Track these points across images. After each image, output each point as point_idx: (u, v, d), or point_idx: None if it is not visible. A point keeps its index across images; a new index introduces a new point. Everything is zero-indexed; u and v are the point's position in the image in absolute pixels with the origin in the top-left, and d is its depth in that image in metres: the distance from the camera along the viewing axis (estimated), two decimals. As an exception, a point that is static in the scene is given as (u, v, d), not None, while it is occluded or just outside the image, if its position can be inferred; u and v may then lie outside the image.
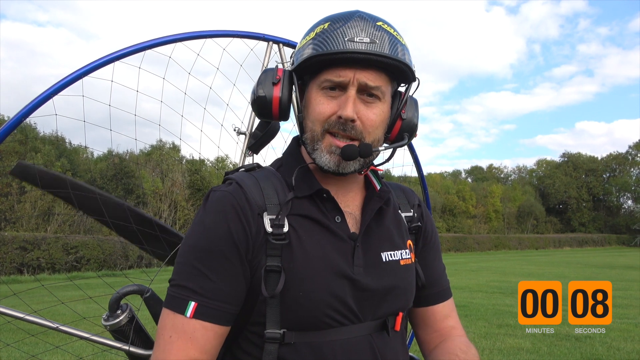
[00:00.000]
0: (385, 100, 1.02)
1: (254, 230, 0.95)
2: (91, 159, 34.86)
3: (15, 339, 4.65)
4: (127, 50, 1.45)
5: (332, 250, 0.98)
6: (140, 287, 1.46)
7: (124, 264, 21.89)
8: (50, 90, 1.33)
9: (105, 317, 1.44)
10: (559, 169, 64.86)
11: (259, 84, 1.07)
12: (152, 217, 1.57)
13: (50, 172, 1.69)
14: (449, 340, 1.12)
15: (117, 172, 30.96)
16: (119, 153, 31.98)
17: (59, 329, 1.45)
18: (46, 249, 19.82)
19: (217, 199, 0.98)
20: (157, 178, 33.43)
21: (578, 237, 53.76)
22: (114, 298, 1.42)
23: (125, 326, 1.43)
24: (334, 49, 0.95)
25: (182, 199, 32.16)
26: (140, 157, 32.37)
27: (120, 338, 1.46)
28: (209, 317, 0.90)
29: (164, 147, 33.90)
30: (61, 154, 31.19)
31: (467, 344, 1.11)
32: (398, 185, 1.25)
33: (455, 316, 1.18)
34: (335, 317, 0.96)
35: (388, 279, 1.02)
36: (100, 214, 1.57)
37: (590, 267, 19.67)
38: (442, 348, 1.11)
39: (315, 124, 1.00)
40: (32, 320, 1.42)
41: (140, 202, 31.14)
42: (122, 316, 1.43)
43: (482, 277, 14.63)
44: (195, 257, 0.93)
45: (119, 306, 1.44)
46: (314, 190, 1.02)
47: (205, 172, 33.41)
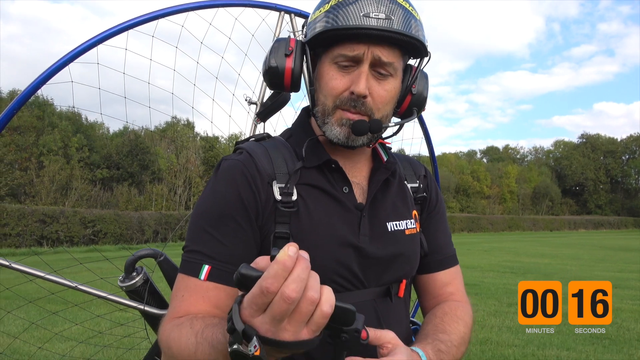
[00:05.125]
0: (397, 76, 1.03)
1: (264, 198, 0.97)
2: (107, 135, 35.18)
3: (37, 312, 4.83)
4: (140, 19, 1.46)
5: (338, 219, 1.01)
6: (155, 252, 1.52)
7: (139, 238, 22.33)
8: (65, 57, 1.36)
9: (122, 278, 1.51)
10: (577, 150, 63.76)
11: (271, 54, 1.07)
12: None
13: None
14: (443, 303, 1.14)
15: (133, 148, 31.25)
16: (135, 129, 32.22)
17: (78, 288, 1.52)
18: (65, 222, 20.26)
19: (228, 167, 1.00)
20: (172, 154, 33.71)
21: (594, 219, 53.15)
22: (129, 260, 1.48)
23: (140, 287, 1.49)
24: (349, 24, 0.94)
25: (196, 175, 32.45)
26: (155, 133, 32.63)
27: (135, 298, 1.52)
28: (222, 279, 0.93)
29: (179, 123, 34.08)
30: (78, 130, 31.55)
31: (456, 305, 1.12)
32: (405, 156, 1.26)
33: (457, 284, 1.18)
34: (340, 282, 0.98)
35: (392, 248, 1.05)
36: None
37: (604, 249, 19.52)
38: (433, 310, 1.13)
39: (328, 98, 1.01)
40: (53, 279, 1.49)
41: (155, 177, 31.53)
42: (137, 278, 1.49)
43: (494, 257, 14.62)
44: (207, 223, 0.96)
45: (134, 268, 1.51)
46: (322, 160, 1.03)
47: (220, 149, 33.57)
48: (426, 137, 2.25)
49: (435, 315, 1.08)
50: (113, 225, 21.67)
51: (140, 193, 30.82)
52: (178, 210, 28.50)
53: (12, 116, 1.36)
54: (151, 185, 31.04)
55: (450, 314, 1.08)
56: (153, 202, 30.14)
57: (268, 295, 0.61)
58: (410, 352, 0.88)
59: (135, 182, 31.05)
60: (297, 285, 0.61)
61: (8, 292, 2.51)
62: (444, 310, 1.10)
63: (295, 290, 0.61)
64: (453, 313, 1.08)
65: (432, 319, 1.08)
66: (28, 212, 19.40)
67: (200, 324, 0.84)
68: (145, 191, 30.86)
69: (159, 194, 30.78)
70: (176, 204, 31.26)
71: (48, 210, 20.58)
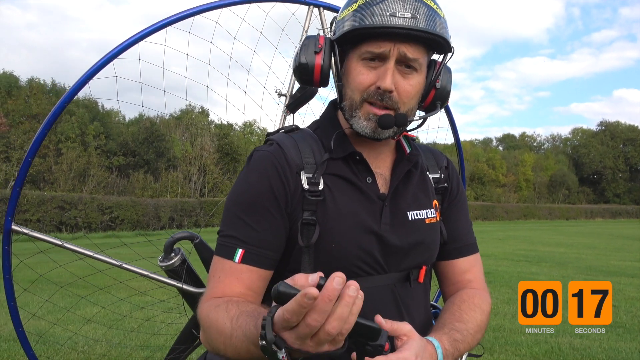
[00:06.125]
0: (421, 72, 1.08)
1: (292, 187, 1.05)
2: (123, 122, 35.50)
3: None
4: (177, 17, 1.55)
5: (361, 208, 1.08)
6: (191, 234, 1.62)
7: (156, 224, 22.67)
8: (110, 54, 1.46)
9: (161, 258, 1.62)
10: (595, 137, 62.43)
11: (301, 52, 1.13)
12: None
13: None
14: (461, 291, 1.20)
15: (149, 136, 31.55)
16: (150, 117, 32.48)
17: (123, 267, 1.64)
18: (82, 208, 20.66)
19: (259, 158, 1.09)
20: (186, 142, 33.94)
21: (611, 208, 52.29)
22: (168, 242, 1.59)
23: (178, 267, 1.60)
24: (376, 23, 1.00)
25: (210, 163, 32.68)
26: (170, 121, 32.80)
27: (174, 277, 1.63)
28: (254, 262, 1.02)
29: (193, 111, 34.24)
30: (94, 117, 31.91)
31: (474, 293, 1.18)
32: (427, 147, 1.32)
33: (476, 272, 1.24)
34: (362, 267, 1.06)
35: (413, 236, 1.12)
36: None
37: (621, 238, 19.26)
38: (451, 298, 1.19)
39: (355, 92, 1.07)
40: (101, 259, 1.61)
41: (170, 165, 31.83)
42: (175, 258, 1.60)
43: (508, 246, 14.56)
44: (241, 210, 1.05)
45: (172, 250, 1.61)
46: (347, 152, 1.10)
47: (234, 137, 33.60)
48: (452, 126, 2.30)
49: (453, 303, 1.14)
50: (130, 212, 22.03)
51: (156, 180, 31.19)
52: (193, 197, 28.82)
53: (62, 110, 1.47)
54: (166, 173, 31.37)
55: (468, 302, 1.13)
56: (168, 189, 30.51)
57: (312, 328, 0.68)
58: (425, 343, 0.93)
59: (151, 169, 31.41)
60: (338, 324, 0.69)
61: (33, 275, 2.64)
62: (462, 298, 1.16)
63: (335, 328, 0.69)
64: (471, 301, 1.14)
65: (450, 306, 1.13)
66: (47, 199, 19.83)
67: (235, 310, 0.92)
68: (160, 178, 31.21)
69: (174, 181, 31.13)
70: (191, 190, 31.59)
71: (67, 196, 21.00)
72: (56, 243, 1.59)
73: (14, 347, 4.26)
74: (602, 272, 9.24)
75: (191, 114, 34.90)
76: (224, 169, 33.42)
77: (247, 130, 34.00)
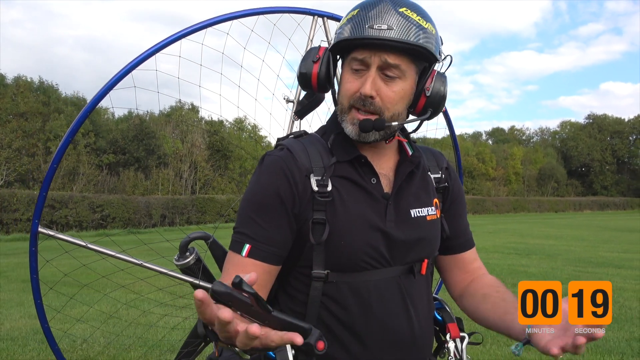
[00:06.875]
0: (406, 78, 1.15)
1: (301, 190, 1.13)
2: (112, 120, 35.21)
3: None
4: (191, 29, 1.63)
5: (367, 207, 1.17)
6: (205, 234, 1.70)
7: (147, 222, 22.62)
8: (132, 63, 1.54)
9: (177, 257, 1.70)
10: (583, 130, 63.10)
11: (302, 62, 1.24)
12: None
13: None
14: (481, 277, 1.33)
15: (138, 133, 31.36)
16: (139, 114, 32.23)
17: (143, 265, 1.73)
18: (73, 207, 20.54)
19: (270, 162, 1.17)
20: (177, 140, 33.79)
21: (599, 200, 53.05)
22: (183, 242, 1.67)
23: (193, 265, 1.68)
24: (355, 35, 1.10)
25: (201, 160, 32.59)
26: (160, 118, 32.60)
27: (189, 274, 1.71)
28: (259, 257, 1.11)
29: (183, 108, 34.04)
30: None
31: (495, 279, 1.32)
32: (429, 148, 1.41)
33: (479, 260, 1.38)
34: (369, 261, 1.15)
35: (415, 232, 1.21)
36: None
37: (609, 230, 19.62)
38: (479, 283, 1.31)
39: (344, 99, 1.16)
40: (122, 258, 1.70)
41: (161, 162, 31.70)
42: (190, 257, 1.68)
43: (499, 239, 14.78)
44: (251, 209, 1.13)
45: (187, 249, 1.69)
46: (353, 156, 1.19)
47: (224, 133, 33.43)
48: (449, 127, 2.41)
49: (490, 294, 1.23)
50: (121, 210, 21.94)
51: (146, 178, 31.07)
52: (185, 194, 28.78)
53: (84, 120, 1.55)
54: (157, 170, 31.25)
55: (495, 285, 1.26)
56: (159, 186, 30.41)
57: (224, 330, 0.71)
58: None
59: (141, 166, 31.26)
60: (241, 339, 0.71)
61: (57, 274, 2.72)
62: (488, 283, 1.28)
63: (240, 342, 0.72)
64: (494, 282, 1.27)
65: (492, 293, 1.22)
66: (37, 198, 19.66)
67: None
68: (151, 176, 31.09)
69: (165, 179, 31.03)
70: (182, 188, 31.52)
71: (57, 195, 20.85)
72: (80, 244, 1.67)
73: (12, 346, 4.32)
74: (591, 263, 9.46)
75: (181, 110, 34.68)
76: (215, 166, 33.37)
77: (237, 127, 33.90)
